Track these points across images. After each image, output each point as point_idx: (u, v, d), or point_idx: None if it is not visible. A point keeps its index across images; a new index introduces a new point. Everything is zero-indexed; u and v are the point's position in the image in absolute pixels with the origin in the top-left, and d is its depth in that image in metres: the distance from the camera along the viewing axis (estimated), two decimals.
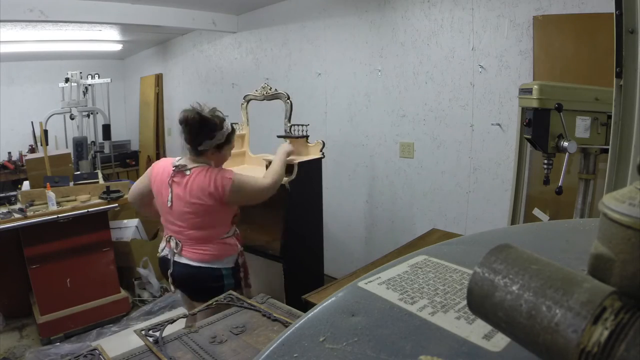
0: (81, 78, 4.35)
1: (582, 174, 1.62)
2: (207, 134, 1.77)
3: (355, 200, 3.32)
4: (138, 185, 1.98)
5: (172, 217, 1.83)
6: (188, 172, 1.77)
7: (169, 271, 1.88)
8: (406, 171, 2.96)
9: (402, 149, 2.95)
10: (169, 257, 1.88)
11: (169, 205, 1.81)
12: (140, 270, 3.33)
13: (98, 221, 2.98)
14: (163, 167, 1.87)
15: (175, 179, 1.79)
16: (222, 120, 1.83)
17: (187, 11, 3.73)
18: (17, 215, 2.66)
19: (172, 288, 1.92)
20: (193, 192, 1.75)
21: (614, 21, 1.02)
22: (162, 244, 1.96)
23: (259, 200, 1.91)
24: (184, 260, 1.84)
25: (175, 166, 1.79)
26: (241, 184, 1.79)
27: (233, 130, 1.89)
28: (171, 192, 1.79)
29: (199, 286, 1.86)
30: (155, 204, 1.93)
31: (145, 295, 3.36)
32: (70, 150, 4.28)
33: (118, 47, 5.59)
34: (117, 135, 5.90)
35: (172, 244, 1.86)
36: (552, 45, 2.21)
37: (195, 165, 1.79)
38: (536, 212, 1.93)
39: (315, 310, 0.41)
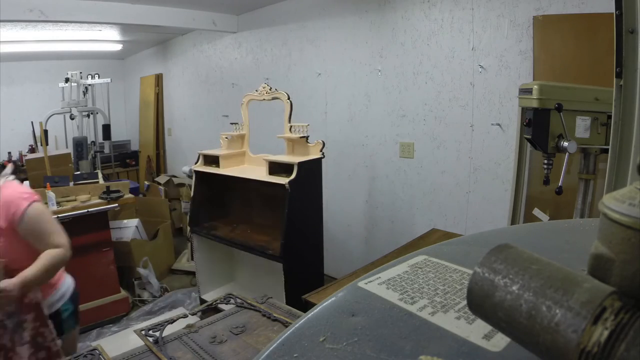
0: (81, 78, 4.35)
1: (582, 174, 1.62)
2: None
3: (355, 200, 3.32)
4: None
5: None
6: None
7: None
8: (406, 171, 2.96)
9: (402, 149, 2.95)
10: None
11: None
12: (140, 270, 3.33)
13: (98, 221, 2.98)
14: None
15: None
16: None
17: (187, 11, 3.73)
18: None
19: None
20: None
21: (614, 21, 1.02)
22: None
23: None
24: None
25: None
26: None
27: None
28: None
29: None
30: None
31: (145, 295, 3.36)
32: (70, 150, 4.28)
33: (118, 47, 5.59)
34: (117, 135, 5.89)
35: None
36: (552, 45, 2.21)
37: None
38: (536, 212, 1.93)
39: (315, 310, 0.41)
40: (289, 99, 2.53)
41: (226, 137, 2.90)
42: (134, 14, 3.42)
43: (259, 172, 2.57)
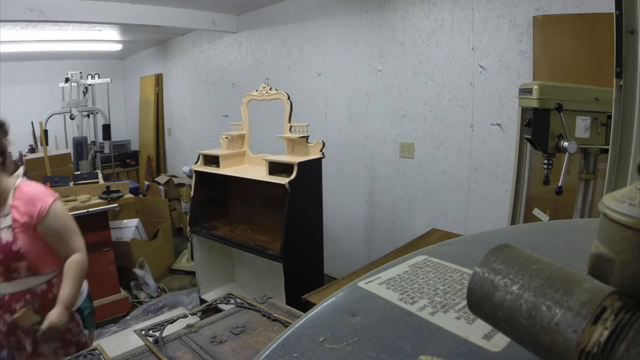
0: (81, 78, 4.35)
1: (582, 174, 1.62)
2: None
3: (355, 200, 3.32)
4: None
5: None
6: None
7: None
8: (406, 171, 2.96)
9: (402, 149, 2.95)
10: None
11: None
12: (137, 271, 3.30)
13: (98, 221, 2.98)
14: None
15: None
16: None
17: (187, 11, 3.73)
18: None
19: None
20: None
21: (614, 21, 1.02)
22: None
23: None
24: None
25: None
26: None
27: None
28: None
29: None
30: None
31: (142, 296, 3.35)
32: (70, 150, 4.29)
33: (118, 47, 5.59)
34: (117, 135, 5.89)
35: None
36: (552, 45, 2.21)
37: None
38: (536, 212, 1.93)
39: (315, 310, 0.41)
40: (289, 99, 2.53)
41: (226, 137, 2.90)
42: (134, 14, 3.42)
43: (259, 172, 2.57)
